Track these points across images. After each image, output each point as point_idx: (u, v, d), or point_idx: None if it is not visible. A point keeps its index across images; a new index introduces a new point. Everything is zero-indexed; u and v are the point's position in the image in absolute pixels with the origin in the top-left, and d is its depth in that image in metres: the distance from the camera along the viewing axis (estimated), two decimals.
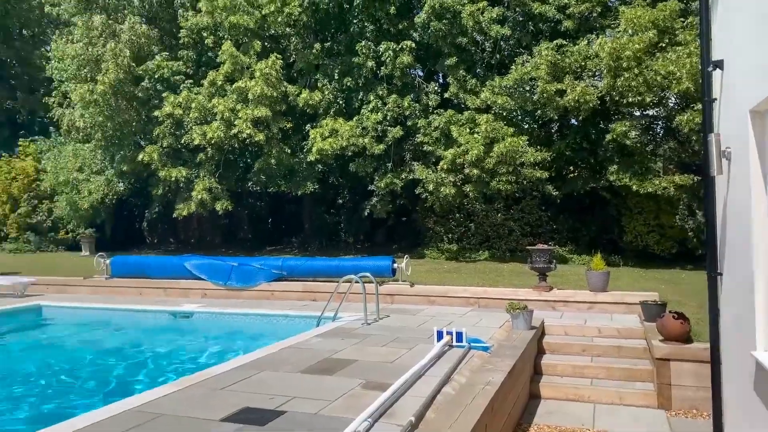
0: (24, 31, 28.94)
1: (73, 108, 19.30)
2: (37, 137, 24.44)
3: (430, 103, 17.10)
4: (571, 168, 17.84)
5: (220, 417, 4.57)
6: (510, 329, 8.06)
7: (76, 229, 21.76)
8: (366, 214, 18.83)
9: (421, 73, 18.56)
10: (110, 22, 18.30)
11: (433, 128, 16.70)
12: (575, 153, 16.91)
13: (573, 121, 17.21)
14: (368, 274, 9.21)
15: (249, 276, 12.68)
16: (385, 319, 9.06)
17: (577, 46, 15.23)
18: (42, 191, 22.29)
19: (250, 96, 16.41)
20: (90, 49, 17.83)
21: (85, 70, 18.12)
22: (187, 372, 6.88)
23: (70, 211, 20.86)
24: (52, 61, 21.46)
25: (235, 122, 16.55)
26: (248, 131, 16.37)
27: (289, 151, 17.77)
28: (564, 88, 14.74)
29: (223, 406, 4.86)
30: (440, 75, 19.24)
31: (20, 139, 24.46)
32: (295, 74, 18.21)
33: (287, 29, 17.24)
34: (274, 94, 16.50)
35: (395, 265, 11.72)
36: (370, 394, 5.11)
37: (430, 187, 16.19)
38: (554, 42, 15.38)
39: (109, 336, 10.51)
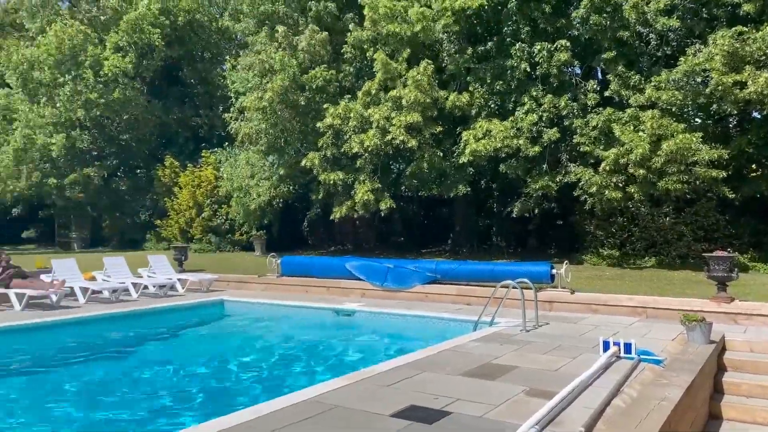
0: (205, 54, 32.33)
1: (247, 121, 21.14)
2: (216, 149, 27.23)
3: (588, 102, 16.30)
4: (754, 166, 16.03)
5: (389, 413, 4.81)
6: (685, 342, 7.48)
7: (249, 231, 23.90)
8: (516, 216, 18.42)
9: (578, 71, 17.77)
10: (289, 33, 19.82)
11: (591, 128, 15.91)
12: (759, 150, 15.19)
13: (755, 114, 15.48)
14: (525, 280, 9.06)
15: (404, 278, 13.07)
16: (545, 327, 8.85)
17: (761, 32, 13.67)
18: (221, 197, 24.83)
19: (403, 103, 16.86)
20: (269, 57, 19.43)
21: (265, 80, 19.75)
22: (352, 366, 7.30)
23: (242, 214, 22.98)
24: (228, 73, 23.60)
25: (389, 129, 17.11)
26: (401, 137, 16.84)
27: (441, 154, 17.97)
28: (744, 80, 13.31)
29: (390, 402, 5.10)
30: (598, 71, 18.28)
31: (202, 151, 27.40)
32: (446, 78, 18.37)
33: (440, 35, 17.47)
34: (427, 100, 16.79)
35: (553, 271, 11.40)
36: (534, 401, 5.07)
37: (593, 190, 15.42)
38: (733, 29, 13.94)
39: (281, 329, 11.45)
